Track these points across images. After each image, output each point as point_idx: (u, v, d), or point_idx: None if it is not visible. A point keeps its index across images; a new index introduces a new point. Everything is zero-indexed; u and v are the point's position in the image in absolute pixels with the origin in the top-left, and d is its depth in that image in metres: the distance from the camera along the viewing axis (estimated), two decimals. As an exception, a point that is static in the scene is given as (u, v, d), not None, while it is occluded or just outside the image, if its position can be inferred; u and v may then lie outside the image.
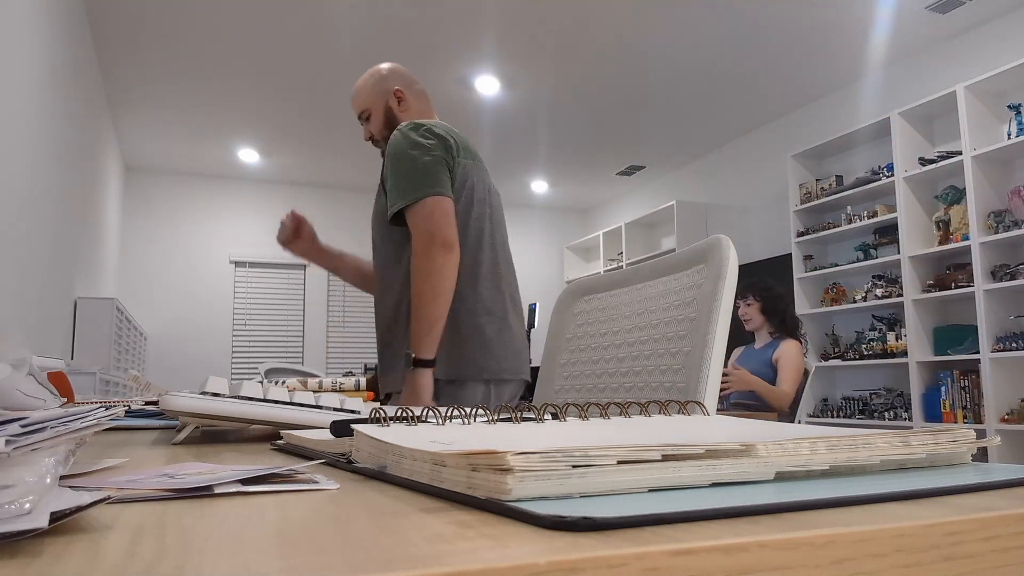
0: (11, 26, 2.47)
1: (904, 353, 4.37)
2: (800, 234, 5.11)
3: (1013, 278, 3.86)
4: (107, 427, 0.52)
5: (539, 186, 7.45)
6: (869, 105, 4.96)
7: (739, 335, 3.18)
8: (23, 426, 0.38)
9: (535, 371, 1.56)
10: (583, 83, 5.03)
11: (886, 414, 4.56)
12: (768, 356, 3.31)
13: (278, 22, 4.17)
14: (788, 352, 3.26)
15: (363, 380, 1.28)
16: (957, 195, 4.28)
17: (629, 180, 7.28)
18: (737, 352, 3.54)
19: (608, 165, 6.82)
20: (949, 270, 4.30)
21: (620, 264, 7.12)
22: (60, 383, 1.07)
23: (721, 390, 3.16)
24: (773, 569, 0.27)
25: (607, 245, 7.39)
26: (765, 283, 3.48)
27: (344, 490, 0.43)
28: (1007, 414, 3.84)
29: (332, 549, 0.27)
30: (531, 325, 2.67)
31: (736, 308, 3.44)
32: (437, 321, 1.55)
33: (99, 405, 0.51)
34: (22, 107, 2.67)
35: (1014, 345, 3.81)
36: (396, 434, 0.49)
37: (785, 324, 3.38)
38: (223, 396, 0.80)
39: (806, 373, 3.26)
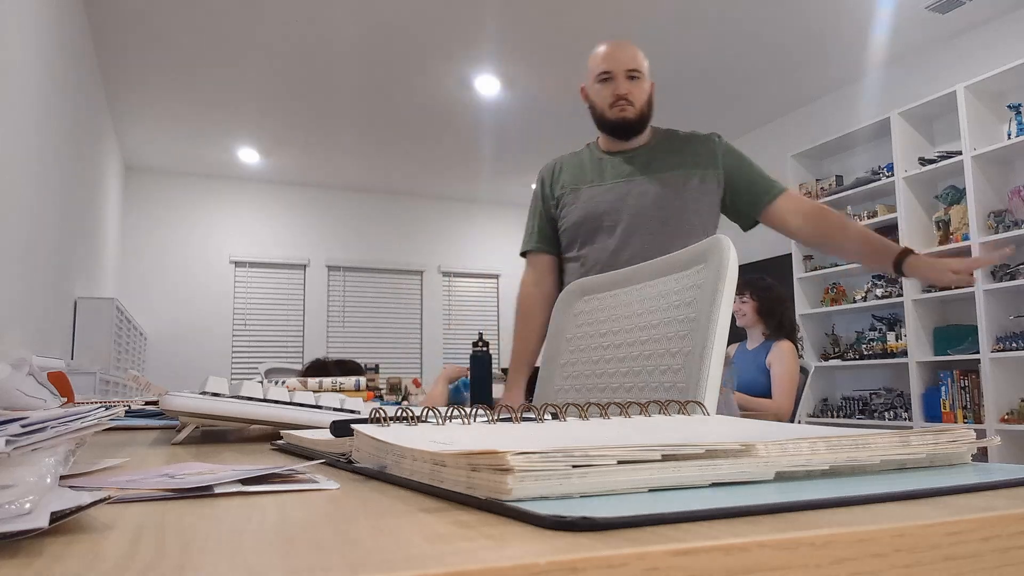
0: (10, 26, 2.47)
1: (904, 353, 4.37)
2: (800, 234, 5.10)
3: (1013, 278, 3.86)
4: (107, 427, 0.52)
5: (539, 186, 7.45)
6: (869, 105, 4.96)
7: (732, 332, 3.12)
8: (23, 426, 0.38)
9: (535, 371, 1.57)
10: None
11: (886, 414, 4.56)
12: (761, 360, 3.19)
13: (278, 22, 4.17)
14: (780, 356, 3.12)
15: (363, 380, 1.28)
16: (957, 195, 4.28)
17: (629, 180, 7.28)
18: (731, 349, 3.46)
19: (608, 165, 6.81)
20: (949, 270, 4.29)
21: (620, 264, 7.11)
22: (60, 383, 1.06)
23: None
24: (773, 569, 0.27)
25: (607, 245, 7.37)
26: (766, 283, 3.33)
27: (344, 490, 0.43)
28: (1007, 414, 3.84)
29: (332, 549, 0.27)
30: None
31: None
32: None
33: (99, 405, 0.51)
34: (22, 107, 2.67)
35: (1014, 345, 3.81)
36: (396, 434, 0.49)
37: (782, 327, 3.24)
38: (223, 396, 0.80)
39: (805, 372, 3.20)
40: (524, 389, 1.94)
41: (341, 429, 0.60)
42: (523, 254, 2.02)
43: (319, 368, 2.78)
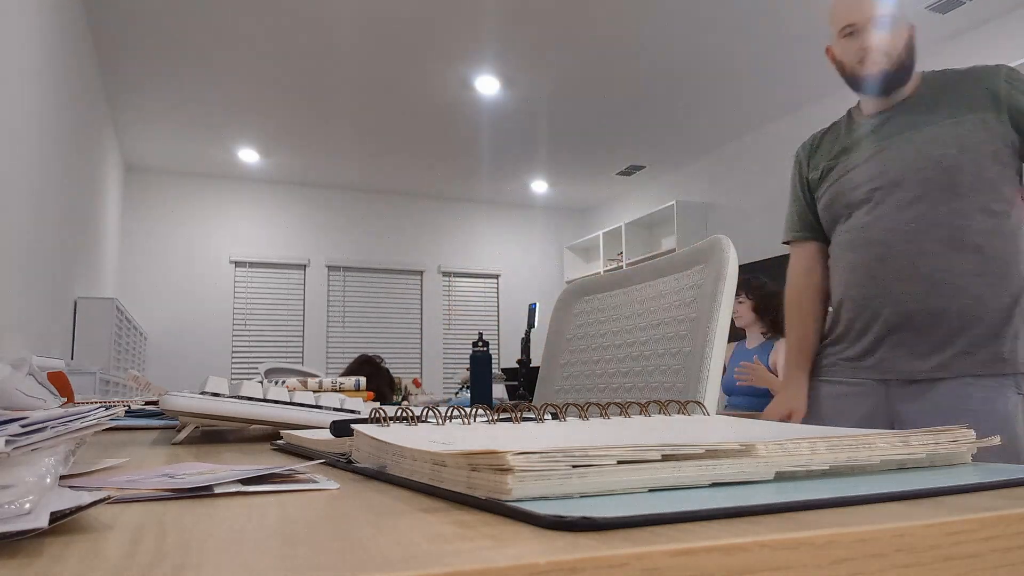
0: (10, 26, 2.47)
1: (904, 353, 4.36)
2: (800, 234, 5.10)
3: (1013, 278, 3.85)
4: (107, 427, 0.52)
5: (539, 186, 7.45)
6: (869, 105, 4.96)
7: (731, 331, 3.11)
8: (23, 426, 0.38)
9: (535, 371, 1.57)
10: (583, 83, 5.03)
11: (886, 414, 4.54)
12: (765, 360, 3.20)
13: (278, 22, 4.17)
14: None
15: (363, 380, 1.28)
16: (957, 195, 4.28)
17: (629, 180, 7.28)
18: (729, 349, 3.48)
19: (608, 165, 6.82)
20: (949, 270, 4.28)
21: (620, 264, 7.12)
22: (60, 383, 1.07)
23: (739, 382, 3.12)
24: (773, 569, 0.27)
25: (607, 245, 7.38)
26: (760, 281, 3.37)
27: (344, 490, 0.43)
28: (1007, 414, 3.83)
29: (332, 549, 0.27)
30: (531, 325, 2.68)
31: None
32: None
33: (99, 405, 0.51)
34: (22, 107, 2.67)
35: (1014, 345, 3.80)
36: (396, 434, 0.49)
37: (778, 324, 3.25)
38: (223, 396, 0.80)
39: None
40: (806, 386, 1.74)
41: (341, 429, 0.60)
42: (786, 243, 1.86)
43: (369, 363, 2.79)
